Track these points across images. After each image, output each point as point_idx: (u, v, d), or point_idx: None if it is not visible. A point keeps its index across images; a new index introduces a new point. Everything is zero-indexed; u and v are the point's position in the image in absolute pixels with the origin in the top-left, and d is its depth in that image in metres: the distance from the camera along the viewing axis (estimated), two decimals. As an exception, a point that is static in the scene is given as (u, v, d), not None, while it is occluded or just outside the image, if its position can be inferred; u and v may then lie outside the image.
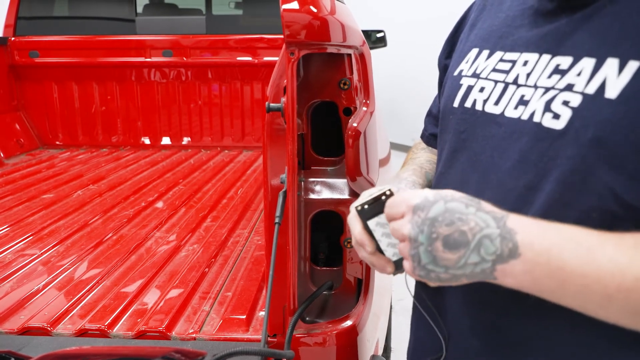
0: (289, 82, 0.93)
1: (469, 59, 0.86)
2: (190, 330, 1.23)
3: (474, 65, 0.84)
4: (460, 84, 0.85)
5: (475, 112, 0.80)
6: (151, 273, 1.54)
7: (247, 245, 1.76)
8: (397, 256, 0.79)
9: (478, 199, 0.67)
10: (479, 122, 0.79)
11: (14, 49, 3.15)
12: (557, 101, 0.68)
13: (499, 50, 0.80)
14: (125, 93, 3.24)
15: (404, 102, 6.23)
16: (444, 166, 0.87)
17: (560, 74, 0.69)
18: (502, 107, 0.76)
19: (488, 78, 0.80)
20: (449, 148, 0.85)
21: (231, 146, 3.25)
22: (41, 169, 2.77)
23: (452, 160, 0.84)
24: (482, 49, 0.84)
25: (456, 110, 0.84)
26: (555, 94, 0.69)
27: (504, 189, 0.73)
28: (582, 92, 0.66)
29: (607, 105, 0.63)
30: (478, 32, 0.88)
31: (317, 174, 1.12)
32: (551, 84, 0.70)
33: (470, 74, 0.84)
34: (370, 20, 5.80)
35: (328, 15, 0.92)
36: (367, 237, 0.79)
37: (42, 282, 1.49)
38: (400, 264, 0.79)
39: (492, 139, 0.76)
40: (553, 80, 0.70)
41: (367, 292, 1.12)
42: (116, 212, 2.10)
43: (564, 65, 0.70)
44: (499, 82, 0.78)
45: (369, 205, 0.78)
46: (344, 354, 1.06)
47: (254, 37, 3.12)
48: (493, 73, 0.80)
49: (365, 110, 1.09)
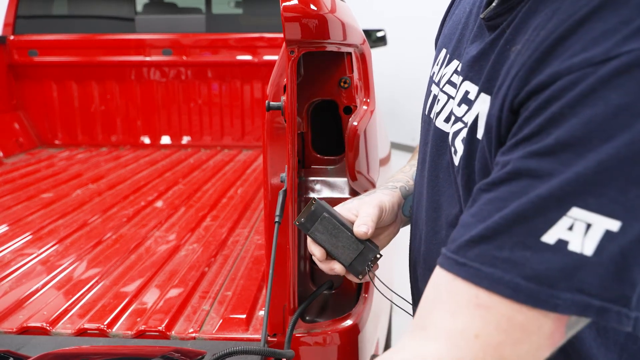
0: (289, 81, 0.93)
1: (439, 61, 0.84)
2: (190, 329, 1.22)
3: (440, 70, 0.82)
4: (430, 90, 0.85)
5: (432, 125, 0.80)
6: (151, 272, 1.53)
7: (247, 245, 1.76)
8: (350, 259, 0.81)
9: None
10: (432, 136, 0.79)
11: (12, 47, 3.14)
12: (460, 136, 0.68)
13: (456, 59, 0.78)
14: (124, 92, 3.23)
15: (404, 101, 6.22)
16: (417, 173, 0.89)
17: (467, 104, 0.68)
18: (450, 126, 0.75)
19: (443, 90, 0.79)
20: (419, 156, 0.87)
21: (231, 145, 3.25)
22: (40, 168, 2.77)
23: (420, 169, 0.86)
24: (447, 52, 0.82)
25: (425, 118, 0.85)
26: (461, 127, 0.69)
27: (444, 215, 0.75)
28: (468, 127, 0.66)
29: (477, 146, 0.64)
30: (450, 26, 0.85)
31: (317, 173, 1.12)
32: (460, 114, 0.70)
33: (437, 80, 0.83)
34: (371, 17, 5.79)
35: (328, 13, 0.92)
36: (313, 246, 0.84)
37: (41, 281, 1.48)
38: (355, 267, 0.81)
39: (441, 159, 0.76)
40: (462, 110, 0.69)
41: (367, 291, 1.12)
42: (115, 212, 2.09)
43: (471, 94, 0.68)
44: (451, 98, 0.76)
45: (304, 218, 0.83)
46: (344, 353, 1.06)
47: (254, 36, 3.12)
48: (447, 86, 0.78)
49: (366, 109, 1.08)
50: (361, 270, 0.82)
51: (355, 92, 1.07)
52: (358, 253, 0.81)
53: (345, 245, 0.81)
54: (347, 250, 0.81)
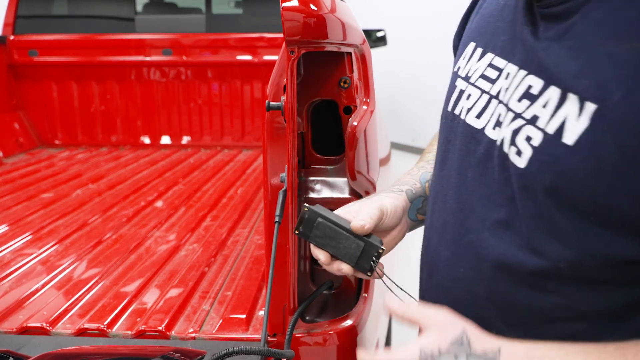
0: (289, 81, 0.93)
1: (465, 56, 0.80)
2: (190, 329, 1.22)
3: (468, 64, 0.78)
4: (455, 85, 0.81)
5: (459, 122, 0.76)
6: (151, 272, 1.53)
7: (247, 245, 1.76)
8: (354, 258, 0.81)
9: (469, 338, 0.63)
10: (460, 132, 0.76)
11: (12, 47, 3.14)
12: (522, 135, 0.63)
13: (490, 52, 0.74)
14: (124, 92, 3.23)
15: (404, 101, 6.22)
16: (434, 173, 0.85)
17: (529, 99, 0.63)
18: (483, 123, 0.71)
19: (475, 85, 0.75)
20: (439, 155, 0.83)
21: (231, 145, 3.25)
22: (40, 168, 2.77)
23: (439, 169, 0.82)
24: (477, 46, 0.78)
25: (448, 115, 0.81)
26: (521, 124, 0.64)
27: (478, 217, 0.70)
28: (544, 130, 0.61)
29: (563, 152, 0.58)
30: (478, 20, 0.81)
31: (317, 173, 1.12)
32: (520, 110, 0.64)
33: (464, 75, 0.79)
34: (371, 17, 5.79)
35: (328, 13, 0.92)
36: (317, 251, 0.83)
37: (41, 281, 1.48)
38: (362, 265, 0.81)
39: (470, 156, 0.72)
40: (522, 106, 0.64)
41: (367, 291, 1.12)
42: (115, 212, 2.09)
43: (535, 88, 0.63)
44: (485, 92, 0.72)
45: (301, 226, 0.84)
46: (344, 353, 1.06)
47: (254, 36, 3.12)
48: (480, 80, 0.74)
49: (366, 109, 1.08)
50: (368, 267, 0.82)
51: (355, 92, 1.07)
52: (361, 251, 0.81)
53: (347, 245, 0.81)
54: (350, 250, 0.81)
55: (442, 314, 0.68)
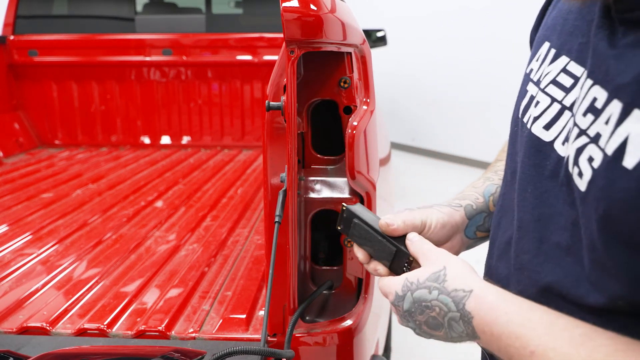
0: (289, 81, 0.93)
1: (539, 56, 0.71)
2: (190, 329, 1.22)
3: (541, 67, 0.69)
4: (526, 90, 0.72)
5: (525, 131, 0.69)
6: (151, 272, 1.53)
7: (247, 245, 1.76)
8: (388, 261, 0.81)
9: (446, 275, 0.67)
10: (524, 143, 0.68)
11: (12, 47, 3.14)
12: (585, 154, 0.56)
13: (565, 55, 0.64)
14: (124, 92, 3.23)
15: (404, 101, 6.22)
16: (504, 184, 0.77)
17: (594, 113, 0.56)
18: (553, 135, 0.63)
19: (545, 91, 0.66)
20: (507, 166, 0.75)
21: (231, 145, 3.25)
22: (40, 168, 2.77)
23: (510, 182, 0.73)
24: (551, 46, 0.68)
25: (518, 122, 0.73)
26: (585, 142, 0.56)
27: (534, 237, 0.64)
28: (604, 150, 0.53)
29: (621, 176, 0.50)
30: (555, 16, 0.71)
31: (317, 173, 1.12)
32: (584, 126, 0.57)
33: (536, 79, 0.70)
34: (371, 17, 5.80)
35: (328, 13, 0.92)
36: (356, 249, 0.84)
37: (41, 281, 1.48)
38: (396, 270, 0.81)
39: (532, 170, 0.65)
40: (587, 121, 0.56)
41: (367, 291, 1.12)
42: (115, 212, 2.09)
43: (599, 102, 0.55)
44: (556, 101, 0.64)
45: (342, 224, 0.86)
46: (344, 353, 1.06)
47: (254, 36, 3.12)
48: (551, 87, 0.65)
49: (366, 109, 1.08)
50: (400, 272, 0.80)
51: (355, 92, 1.07)
52: (393, 255, 0.80)
53: (380, 248, 0.81)
54: (384, 253, 0.81)
55: (437, 250, 0.73)
